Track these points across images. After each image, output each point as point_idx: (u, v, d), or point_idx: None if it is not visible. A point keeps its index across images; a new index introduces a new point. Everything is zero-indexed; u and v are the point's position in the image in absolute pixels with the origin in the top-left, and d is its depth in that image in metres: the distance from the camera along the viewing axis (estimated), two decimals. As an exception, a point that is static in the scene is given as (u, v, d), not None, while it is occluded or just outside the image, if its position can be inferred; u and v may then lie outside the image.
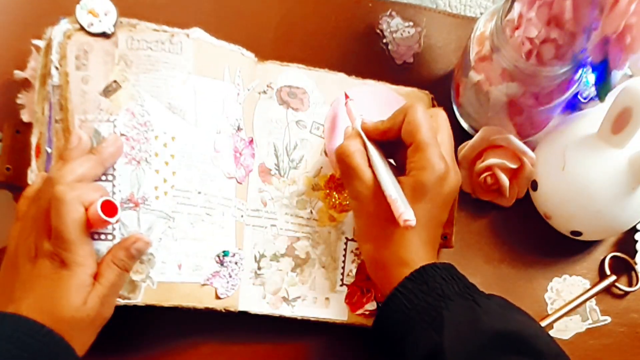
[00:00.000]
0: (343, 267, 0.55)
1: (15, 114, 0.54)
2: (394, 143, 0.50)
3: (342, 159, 0.50)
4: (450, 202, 0.50)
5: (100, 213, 0.45)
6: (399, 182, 0.48)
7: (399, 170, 0.50)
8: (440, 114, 0.52)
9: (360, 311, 0.55)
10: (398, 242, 0.48)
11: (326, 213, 0.56)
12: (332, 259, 0.55)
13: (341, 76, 0.58)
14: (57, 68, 0.49)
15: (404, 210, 0.45)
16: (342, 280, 0.55)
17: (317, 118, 0.57)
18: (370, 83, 0.59)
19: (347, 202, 0.56)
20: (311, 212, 0.56)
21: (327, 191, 0.56)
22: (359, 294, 0.55)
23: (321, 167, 0.57)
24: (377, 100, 0.58)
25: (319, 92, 0.58)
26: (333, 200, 0.56)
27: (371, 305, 0.55)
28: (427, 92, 0.60)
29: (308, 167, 0.56)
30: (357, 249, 0.56)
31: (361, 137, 0.51)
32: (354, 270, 0.55)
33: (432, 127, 0.49)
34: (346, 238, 0.56)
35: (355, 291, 0.55)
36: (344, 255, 0.55)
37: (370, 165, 0.50)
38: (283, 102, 0.57)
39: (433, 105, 0.59)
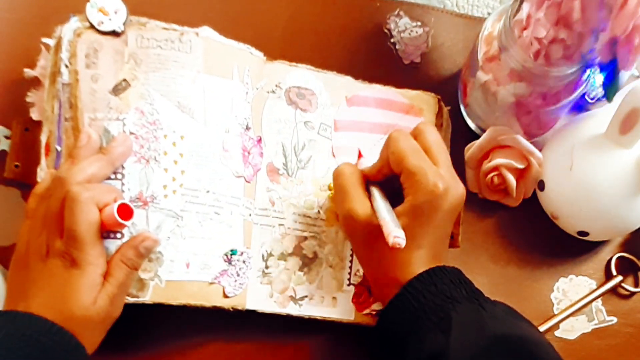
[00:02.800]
0: (350, 267, 0.55)
1: (24, 111, 0.54)
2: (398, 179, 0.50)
3: (336, 178, 0.51)
4: (454, 215, 0.50)
5: (117, 216, 0.45)
6: (395, 212, 0.47)
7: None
8: (427, 130, 0.50)
9: (366, 311, 0.55)
10: (399, 264, 0.48)
11: (334, 213, 0.56)
12: (339, 259, 0.55)
13: (348, 79, 0.59)
14: (67, 66, 0.49)
15: (393, 229, 0.44)
16: (349, 279, 0.55)
17: (325, 120, 0.57)
18: (377, 87, 0.59)
19: None
20: (319, 212, 0.56)
21: (333, 188, 0.56)
22: (366, 293, 0.55)
23: (328, 168, 0.57)
24: (383, 104, 0.59)
25: (327, 94, 0.58)
26: None
27: (378, 305, 0.55)
28: (433, 94, 0.60)
29: (316, 167, 0.57)
30: None
31: (359, 169, 0.52)
32: (362, 270, 0.55)
33: (416, 150, 0.48)
34: None
35: (363, 291, 0.55)
36: (351, 255, 0.56)
37: (366, 191, 0.50)
38: (291, 102, 0.57)
39: (440, 107, 0.59)
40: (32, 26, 0.58)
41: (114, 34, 0.50)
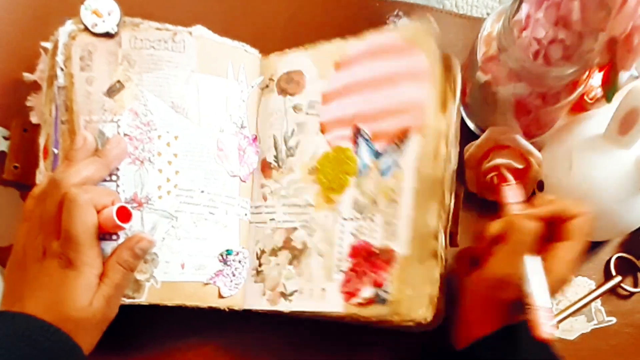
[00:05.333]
0: (340, 252, 0.53)
1: (23, 113, 0.55)
2: None
3: (514, 232, 0.47)
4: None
5: (116, 219, 0.45)
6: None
7: None
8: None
9: (355, 300, 0.52)
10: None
11: (323, 196, 0.54)
12: (328, 245, 0.53)
13: (336, 43, 0.56)
14: (62, 69, 0.49)
15: (546, 322, 0.43)
16: (338, 266, 0.53)
17: (312, 97, 0.56)
18: (367, 37, 0.55)
19: (341, 176, 0.54)
20: (307, 198, 0.54)
21: (320, 167, 0.55)
22: (355, 279, 0.52)
23: (317, 146, 0.55)
24: (376, 54, 0.55)
25: (314, 68, 0.56)
26: (327, 177, 0.54)
27: (367, 292, 0.52)
28: (427, 19, 0.53)
29: (304, 151, 0.55)
30: (355, 228, 0.53)
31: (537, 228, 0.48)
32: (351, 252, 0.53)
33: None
34: (343, 219, 0.53)
35: (351, 277, 0.52)
36: (340, 239, 0.53)
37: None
38: (281, 90, 0.56)
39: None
40: (31, 27, 0.58)
41: (108, 35, 0.50)
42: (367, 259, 0.52)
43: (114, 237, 0.48)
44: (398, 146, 0.52)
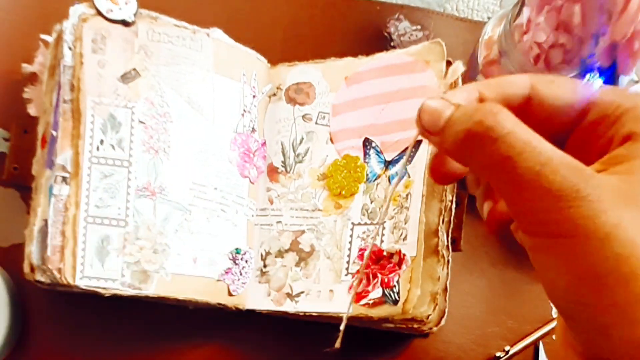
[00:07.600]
0: (349, 256, 0.54)
1: (23, 114, 0.54)
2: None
3: (477, 131, 0.27)
4: None
5: None
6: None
7: None
8: None
9: (364, 301, 0.52)
10: None
11: (331, 202, 0.55)
12: (337, 248, 0.54)
13: (347, 60, 0.58)
14: (70, 49, 0.49)
15: None
16: (347, 269, 0.54)
17: (322, 108, 0.57)
18: (378, 56, 0.57)
19: (349, 183, 0.55)
20: (316, 203, 0.55)
21: (329, 174, 0.55)
22: (365, 281, 0.53)
23: (327, 156, 0.56)
24: (385, 72, 0.57)
25: (325, 82, 0.57)
26: (336, 184, 0.55)
27: (376, 293, 0.52)
28: (439, 40, 0.54)
29: (313, 158, 0.56)
30: (364, 232, 0.54)
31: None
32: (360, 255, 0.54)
33: None
34: (352, 224, 0.54)
35: (361, 279, 0.54)
36: (350, 243, 0.54)
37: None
38: (290, 100, 0.57)
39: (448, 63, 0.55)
40: (31, 27, 0.58)
41: (124, 23, 0.50)
42: (377, 262, 0.53)
43: (122, 223, 0.48)
44: (408, 156, 0.54)
